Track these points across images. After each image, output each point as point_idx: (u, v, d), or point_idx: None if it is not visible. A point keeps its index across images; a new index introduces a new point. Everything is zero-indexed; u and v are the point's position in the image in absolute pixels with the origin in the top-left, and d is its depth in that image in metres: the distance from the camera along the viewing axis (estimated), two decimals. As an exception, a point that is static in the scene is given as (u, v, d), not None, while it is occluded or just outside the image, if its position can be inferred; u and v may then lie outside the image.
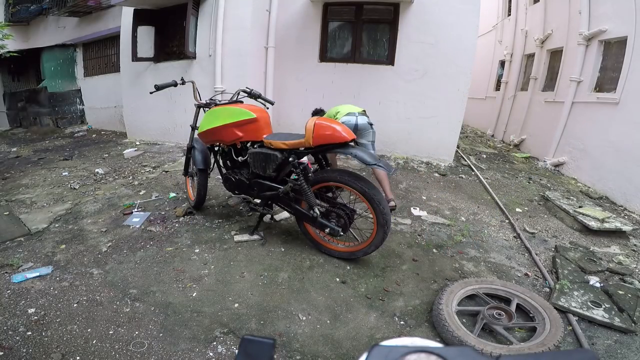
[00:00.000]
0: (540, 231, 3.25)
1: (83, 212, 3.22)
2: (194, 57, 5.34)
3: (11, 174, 4.54)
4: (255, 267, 2.37)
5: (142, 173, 4.37)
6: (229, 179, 2.75)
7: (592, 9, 5.14)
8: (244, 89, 2.85)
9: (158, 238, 2.73)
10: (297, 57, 5.55)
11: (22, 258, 2.43)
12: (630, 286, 2.32)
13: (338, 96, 5.45)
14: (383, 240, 2.27)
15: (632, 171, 4.09)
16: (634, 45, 4.32)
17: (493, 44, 9.36)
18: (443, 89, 5.05)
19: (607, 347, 1.82)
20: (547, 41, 6.72)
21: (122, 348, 1.68)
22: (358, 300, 2.10)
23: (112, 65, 7.52)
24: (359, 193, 2.22)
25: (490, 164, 5.70)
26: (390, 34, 5.25)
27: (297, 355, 1.69)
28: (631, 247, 3.04)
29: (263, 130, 2.51)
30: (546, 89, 6.65)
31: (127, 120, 6.46)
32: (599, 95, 4.94)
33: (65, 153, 5.68)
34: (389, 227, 2.23)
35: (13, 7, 8.56)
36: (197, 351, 1.68)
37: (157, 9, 5.64)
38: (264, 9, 5.22)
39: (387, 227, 2.21)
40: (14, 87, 9.86)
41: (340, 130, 2.16)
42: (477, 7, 4.84)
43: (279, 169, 2.44)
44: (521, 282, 2.38)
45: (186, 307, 1.98)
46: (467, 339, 1.71)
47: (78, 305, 1.97)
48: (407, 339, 0.38)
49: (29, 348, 1.66)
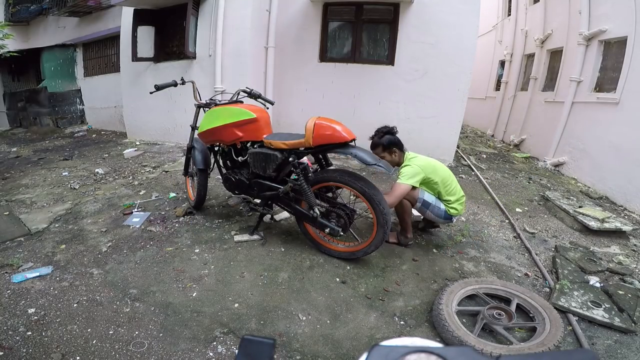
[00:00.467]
0: (540, 231, 3.24)
1: (83, 212, 3.22)
2: (194, 57, 5.34)
3: (11, 174, 4.54)
4: (255, 267, 2.37)
5: (142, 173, 4.37)
6: (229, 179, 2.75)
7: (592, 9, 5.14)
8: (244, 89, 2.85)
9: (158, 238, 2.73)
10: (297, 57, 5.55)
11: (22, 258, 2.43)
12: (630, 286, 2.32)
13: (338, 96, 5.47)
14: (383, 240, 2.27)
15: (632, 171, 4.08)
16: (634, 45, 4.32)
17: (493, 44, 9.36)
18: (443, 89, 5.05)
19: (607, 347, 1.82)
20: (547, 41, 6.72)
21: (122, 348, 1.68)
22: (358, 300, 2.10)
23: (112, 65, 7.52)
24: (359, 193, 2.23)
25: (490, 164, 5.70)
26: (390, 34, 5.25)
27: (297, 355, 1.69)
28: (631, 247, 3.04)
29: (263, 130, 2.51)
30: (546, 89, 6.65)
31: (127, 120, 6.46)
32: (599, 95, 4.94)
33: (65, 153, 5.68)
34: (389, 226, 2.23)
35: (13, 7, 8.57)
36: (197, 351, 1.68)
37: (157, 9, 5.64)
38: (264, 9, 5.22)
39: (387, 227, 2.22)
40: (14, 87, 9.86)
41: (340, 130, 2.16)
42: (477, 7, 4.84)
43: (279, 169, 2.44)
44: (521, 282, 2.38)
45: (186, 307, 1.98)
46: (467, 339, 1.71)
47: (78, 305, 1.97)
48: (407, 339, 0.38)
49: (29, 348, 1.66)
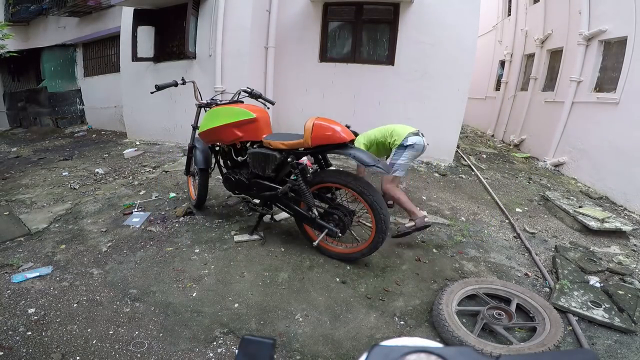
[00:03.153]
0: (540, 231, 3.24)
1: (83, 212, 3.22)
2: (194, 57, 5.34)
3: (11, 174, 4.54)
4: (255, 267, 2.37)
5: (142, 173, 4.37)
6: (229, 178, 2.75)
7: (592, 9, 5.14)
8: (244, 89, 2.85)
9: (158, 238, 2.73)
10: (297, 57, 5.55)
11: (22, 258, 2.43)
12: (630, 286, 2.32)
13: (338, 96, 5.46)
14: (382, 241, 2.25)
15: (632, 171, 4.08)
16: (634, 45, 4.31)
17: (493, 44, 9.36)
18: (443, 89, 5.04)
19: (607, 347, 1.82)
20: (547, 41, 6.72)
21: (122, 348, 1.68)
22: (358, 300, 2.10)
23: (112, 65, 7.51)
24: (358, 194, 2.21)
25: (490, 164, 5.69)
26: (390, 34, 5.25)
27: (297, 355, 1.69)
28: (631, 247, 3.04)
29: (262, 131, 2.50)
30: (546, 89, 6.65)
31: (127, 120, 6.46)
32: (599, 95, 4.94)
33: (65, 153, 5.68)
34: (387, 227, 2.21)
35: (13, 7, 8.57)
36: (197, 351, 1.68)
37: (157, 9, 5.64)
38: (264, 9, 5.21)
39: (386, 227, 2.20)
40: (14, 87, 9.86)
41: (339, 131, 2.15)
42: (477, 7, 4.84)
43: (278, 169, 2.43)
44: (521, 282, 2.38)
45: (186, 307, 1.98)
46: (467, 339, 1.70)
47: (78, 305, 1.97)
48: (407, 339, 0.38)
49: (29, 348, 1.66)
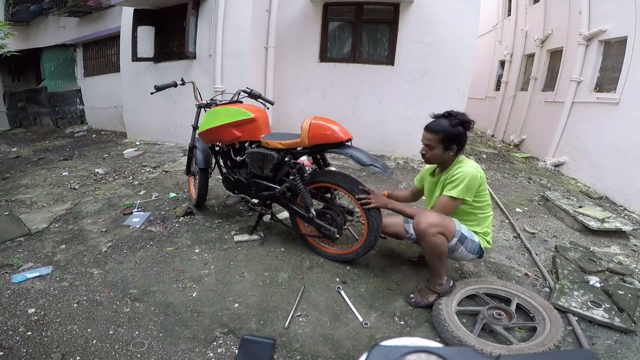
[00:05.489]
0: (540, 231, 3.24)
1: (83, 212, 3.22)
2: (194, 57, 5.34)
3: (11, 174, 4.54)
4: (255, 267, 2.37)
5: (142, 173, 4.37)
6: (228, 178, 2.75)
7: (592, 9, 5.14)
8: (244, 89, 2.85)
9: (158, 238, 2.73)
10: (297, 57, 5.55)
11: (22, 258, 2.43)
12: (630, 286, 2.32)
13: (338, 96, 5.47)
14: (374, 242, 2.22)
15: (632, 171, 4.08)
16: (634, 45, 4.31)
17: (493, 44, 9.36)
18: (443, 89, 5.04)
19: (607, 347, 1.82)
20: (547, 41, 6.72)
21: (122, 348, 1.68)
22: (358, 300, 2.10)
23: (112, 65, 7.52)
24: (348, 193, 2.20)
25: (490, 164, 5.69)
26: (390, 34, 5.25)
27: (297, 355, 1.69)
28: (631, 247, 3.04)
29: (261, 130, 2.51)
30: (546, 89, 6.65)
31: (127, 120, 6.46)
32: (599, 95, 4.93)
33: (65, 153, 5.68)
34: (380, 225, 2.18)
35: (13, 7, 8.57)
36: (197, 351, 1.68)
37: (157, 9, 5.64)
38: (264, 9, 5.22)
39: (378, 225, 2.16)
40: (14, 87, 9.86)
41: (336, 130, 2.14)
42: (477, 7, 4.84)
43: (276, 169, 2.44)
44: (521, 282, 2.38)
45: (186, 307, 1.97)
46: (467, 339, 1.70)
47: (78, 305, 1.97)
48: (407, 339, 0.38)
49: (29, 348, 1.66)
